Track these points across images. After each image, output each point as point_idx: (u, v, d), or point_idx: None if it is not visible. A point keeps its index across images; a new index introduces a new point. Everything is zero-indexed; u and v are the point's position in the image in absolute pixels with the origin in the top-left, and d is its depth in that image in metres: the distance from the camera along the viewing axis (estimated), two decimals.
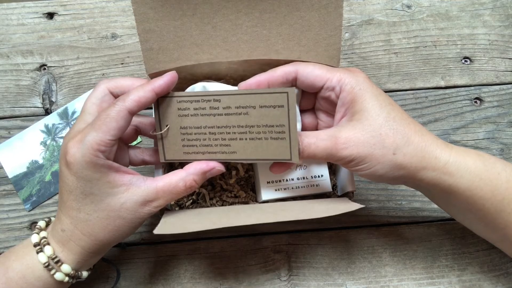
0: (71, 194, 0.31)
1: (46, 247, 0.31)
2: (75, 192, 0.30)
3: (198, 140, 0.34)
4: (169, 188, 0.32)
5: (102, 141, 0.29)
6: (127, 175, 0.31)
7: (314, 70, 0.33)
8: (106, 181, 0.30)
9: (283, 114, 0.32)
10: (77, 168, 0.30)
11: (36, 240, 0.32)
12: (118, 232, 0.32)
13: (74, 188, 0.30)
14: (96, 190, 0.30)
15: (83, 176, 0.30)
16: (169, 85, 0.32)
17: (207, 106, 0.33)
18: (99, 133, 0.29)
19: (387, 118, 0.31)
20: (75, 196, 0.31)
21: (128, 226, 0.32)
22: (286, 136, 0.32)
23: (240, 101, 0.33)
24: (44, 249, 0.31)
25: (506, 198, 0.31)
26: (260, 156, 0.33)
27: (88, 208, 0.31)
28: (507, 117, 0.47)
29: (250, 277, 0.41)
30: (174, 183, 0.32)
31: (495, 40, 0.50)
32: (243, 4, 0.34)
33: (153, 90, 0.31)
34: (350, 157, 0.31)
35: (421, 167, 0.31)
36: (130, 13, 0.49)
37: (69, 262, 0.32)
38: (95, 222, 0.31)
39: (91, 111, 0.32)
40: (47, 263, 0.31)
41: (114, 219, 0.31)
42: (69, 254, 0.32)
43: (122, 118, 0.30)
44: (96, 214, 0.31)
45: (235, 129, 0.33)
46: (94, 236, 0.31)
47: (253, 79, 0.34)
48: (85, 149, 0.29)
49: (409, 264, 0.42)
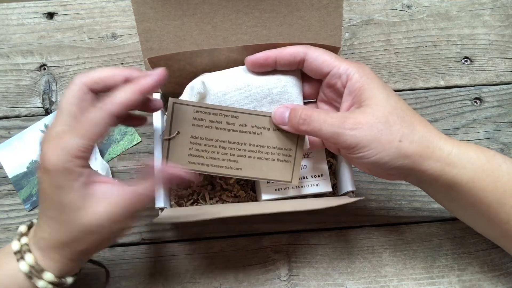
0: (47, 201, 0.29)
1: (27, 254, 0.29)
2: (51, 200, 0.28)
3: (207, 152, 0.34)
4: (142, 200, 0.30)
5: (84, 147, 0.27)
6: (102, 186, 0.29)
7: (322, 54, 0.34)
8: (79, 193, 0.28)
9: (293, 139, 0.35)
10: (53, 174, 0.27)
11: (17, 247, 0.30)
12: (94, 244, 0.30)
13: (50, 195, 0.28)
14: (69, 201, 0.28)
15: (58, 183, 0.27)
16: (156, 85, 0.30)
17: (224, 120, 0.34)
18: (81, 140, 0.27)
19: (395, 106, 0.32)
20: (50, 204, 0.28)
21: (103, 239, 0.30)
22: (292, 160, 0.35)
23: (256, 121, 0.34)
24: (25, 256, 0.29)
25: (507, 191, 0.31)
26: (263, 175, 0.35)
27: (63, 218, 0.28)
28: (507, 117, 0.47)
29: (250, 277, 0.41)
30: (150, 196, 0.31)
31: (495, 40, 0.50)
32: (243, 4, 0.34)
33: (139, 92, 0.29)
34: (355, 139, 0.31)
35: (425, 157, 0.31)
36: (130, 13, 0.49)
37: (52, 269, 0.29)
38: (71, 234, 0.28)
39: (70, 112, 0.29)
40: (29, 271, 0.29)
41: (88, 234, 0.28)
42: (51, 262, 0.29)
43: (106, 124, 0.28)
44: (71, 225, 0.28)
45: (246, 147, 0.35)
46: (73, 247, 0.29)
47: (262, 53, 0.34)
48: (64, 155, 0.27)
49: (409, 264, 0.42)
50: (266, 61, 0.34)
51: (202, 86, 0.34)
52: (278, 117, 0.34)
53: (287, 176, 0.36)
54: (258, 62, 0.34)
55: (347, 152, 0.32)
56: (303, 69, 0.35)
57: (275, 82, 0.35)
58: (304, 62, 0.34)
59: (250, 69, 0.35)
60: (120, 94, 0.28)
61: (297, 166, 0.35)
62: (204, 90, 0.35)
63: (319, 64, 0.34)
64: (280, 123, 0.34)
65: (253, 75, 0.35)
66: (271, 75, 0.35)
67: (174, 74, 0.36)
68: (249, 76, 0.35)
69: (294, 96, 0.36)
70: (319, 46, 0.34)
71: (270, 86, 0.35)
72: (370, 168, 0.33)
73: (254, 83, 0.35)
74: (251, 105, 0.35)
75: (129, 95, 0.28)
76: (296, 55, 0.34)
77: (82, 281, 0.40)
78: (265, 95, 0.35)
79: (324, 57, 0.34)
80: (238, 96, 0.35)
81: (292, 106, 0.34)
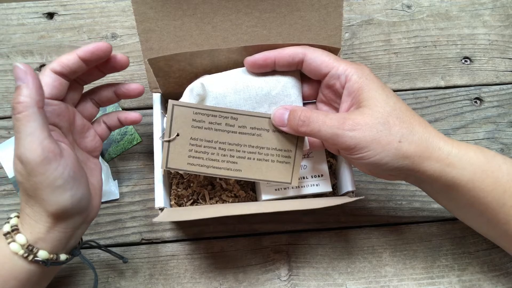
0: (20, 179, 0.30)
1: (18, 235, 0.30)
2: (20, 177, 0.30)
3: (206, 153, 0.34)
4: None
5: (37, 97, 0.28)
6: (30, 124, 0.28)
7: (321, 55, 0.34)
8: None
9: (293, 141, 0.35)
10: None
11: (7, 229, 0.31)
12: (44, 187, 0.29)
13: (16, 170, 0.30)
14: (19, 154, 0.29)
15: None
16: (93, 52, 0.32)
17: (223, 122, 0.34)
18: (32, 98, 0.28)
19: (394, 107, 0.32)
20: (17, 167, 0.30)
21: (49, 180, 0.29)
22: (291, 161, 0.35)
23: (256, 123, 0.34)
24: (15, 237, 0.30)
25: (507, 191, 0.31)
26: (263, 176, 0.35)
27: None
28: (507, 117, 0.47)
29: (250, 277, 0.41)
30: None
31: (495, 40, 0.50)
32: (243, 4, 0.34)
33: (75, 53, 0.32)
34: (354, 140, 0.31)
35: (425, 157, 0.31)
36: (130, 13, 0.49)
37: (43, 247, 0.30)
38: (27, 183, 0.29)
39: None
40: (22, 251, 0.30)
41: (33, 174, 0.29)
42: (42, 242, 0.30)
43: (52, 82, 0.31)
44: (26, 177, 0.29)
45: (246, 148, 0.35)
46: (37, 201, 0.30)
47: (261, 54, 0.34)
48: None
49: (409, 264, 0.42)
50: (265, 61, 0.34)
51: (202, 88, 0.34)
52: (278, 118, 0.34)
53: (287, 177, 0.36)
54: (257, 63, 0.34)
55: (346, 153, 0.32)
56: (302, 70, 0.35)
57: (274, 84, 0.35)
58: (303, 63, 0.34)
59: (249, 69, 0.35)
60: (63, 56, 0.32)
61: (296, 167, 0.36)
62: (203, 92, 0.35)
63: (318, 65, 0.34)
64: (279, 125, 0.34)
65: (252, 76, 0.35)
66: (270, 77, 0.35)
67: (174, 75, 0.36)
68: (248, 78, 0.35)
69: (293, 98, 0.36)
70: (319, 47, 0.35)
71: (269, 87, 0.35)
72: (369, 168, 0.33)
73: (253, 85, 0.35)
74: (250, 107, 0.35)
75: (69, 55, 0.32)
76: (295, 56, 0.34)
77: (72, 283, 0.40)
78: (264, 97, 0.35)
79: (323, 58, 0.34)
80: (238, 97, 0.35)
81: (291, 107, 0.34)
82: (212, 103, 0.35)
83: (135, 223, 0.42)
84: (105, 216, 0.43)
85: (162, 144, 0.35)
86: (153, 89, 0.39)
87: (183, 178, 0.40)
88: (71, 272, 0.41)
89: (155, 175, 0.36)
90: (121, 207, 0.43)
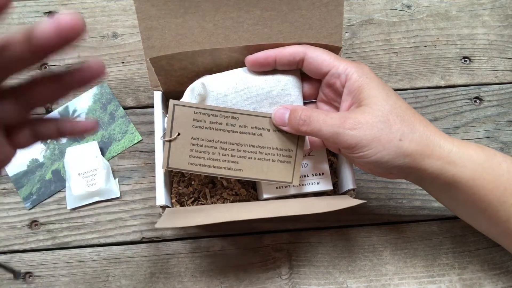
0: None
1: None
2: None
3: (207, 153, 0.34)
4: None
5: None
6: None
7: (322, 54, 0.34)
8: None
9: (293, 140, 0.35)
10: None
11: None
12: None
13: None
14: None
15: None
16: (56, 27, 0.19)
17: (224, 121, 0.34)
18: None
19: (394, 106, 0.32)
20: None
21: None
22: (292, 161, 0.35)
23: (256, 122, 0.34)
24: None
25: (508, 188, 0.31)
26: (264, 176, 0.35)
27: None
28: (507, 116, 0.48)
29: (250, 276, 0.41)
30: None
31: (494, 40, 0.50)
32: (244, 2, 0.34)
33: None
34: (355, 139, 0.31)
35: (426, 155, 0.31)
36: (131, 12, 0.49)
37: None
38: None
39: None
40: None
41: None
42: None
43: None
44: None
45: (247, 148, 0.35)
46: None
47: (262, 52, 0.34)
48: None
49: (409, 263, 0.42)
50: (266, 60, 0.34)
51: (202, 88, 0.35)
52: (278, 118, 0.34)
53: (288, 177, 0.36)
54: (258, 62, 0.34)
55: (347, 152, 0.32)
56: (302, 68, 0.35)
57: (274, 83, 0.35)
58: (304, 62, 0.34)
59: (250, 68, 0.35)
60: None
61: (297, 166, 0.36)
62: (204, 92, 0.35)
63: (318, 63, 0.34)
64: (280, 124, 0.34)
65: (253, 76, 0.35)
66: (271, 76, 0.35)
67: (176, 73, 0.36)
68: (249, 77, 0.35)
69: (294, 97, 0.36)
70: (320, 46, 0.35)
71: (270, 87, 0.35)
72: (370, 167, 0.33)
73: (254, 84, 0.35)
74: (251, 106, 0.35)
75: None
76: (296, 54, 0.34)
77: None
78: (265, 96, 0.35)
79: (323, 57, 0.34)
80: (238, 97, 0.35)
81: (292, 107, 0.34)
82: (213, 103, 0.35)
83: (136, 221, 0.42)
84: (106, 214, 0.42)
85: (163, 144, 0.35)
86: (154, 88, 0.39)
87: (184, 177, 0.40)
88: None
89: (156, 173, 0.36)
90: (122, 206, 0.43)
